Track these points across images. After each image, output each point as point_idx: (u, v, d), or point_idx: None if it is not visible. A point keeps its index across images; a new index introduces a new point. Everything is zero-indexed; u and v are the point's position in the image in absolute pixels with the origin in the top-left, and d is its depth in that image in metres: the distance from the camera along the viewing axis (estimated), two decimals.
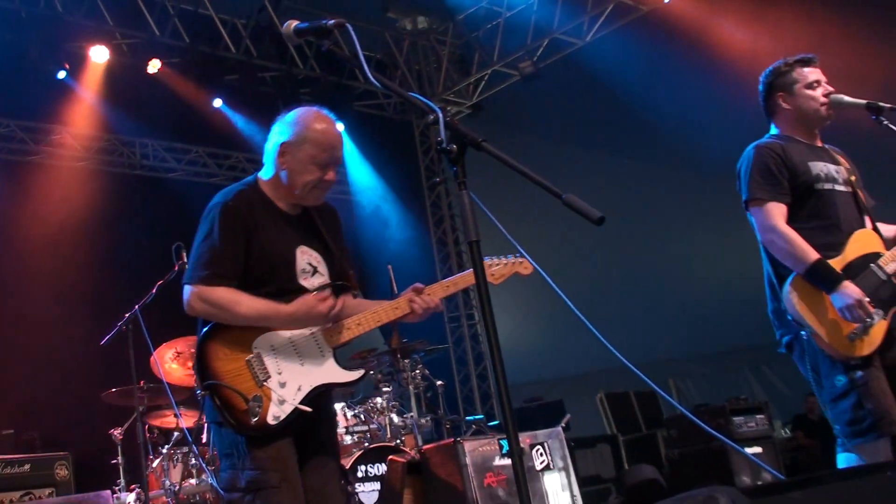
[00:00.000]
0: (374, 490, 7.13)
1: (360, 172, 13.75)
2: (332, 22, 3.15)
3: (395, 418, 7.73)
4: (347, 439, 7.63)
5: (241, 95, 11.93)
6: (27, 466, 6.34)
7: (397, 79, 13.74)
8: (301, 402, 3.73)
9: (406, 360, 8.03)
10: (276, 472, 3.67)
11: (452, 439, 6.44)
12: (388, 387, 7.88)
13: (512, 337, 14.31)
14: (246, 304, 3.75)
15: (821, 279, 4.31)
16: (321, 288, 3.91)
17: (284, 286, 3.86)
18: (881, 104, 4.58)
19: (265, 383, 3.70)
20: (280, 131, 3.95)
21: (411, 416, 7.75)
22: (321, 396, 3.88)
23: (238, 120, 12.07)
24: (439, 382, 8.33)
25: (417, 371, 8.06)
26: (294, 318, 3.80)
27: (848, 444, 4.33)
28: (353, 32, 3.06)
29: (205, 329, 3.81)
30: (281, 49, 11.81)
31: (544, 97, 13.37)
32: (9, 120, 10.48)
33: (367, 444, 7.45)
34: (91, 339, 7.08)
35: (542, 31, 12.89)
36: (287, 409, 3.70)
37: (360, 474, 7.13)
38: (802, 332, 4.35)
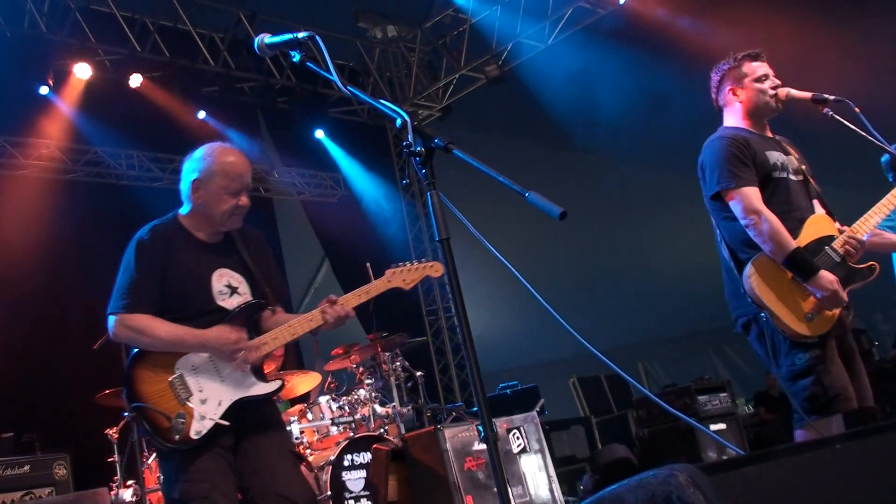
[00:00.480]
0: (360, 477, 7.15)
1: (343, 174, 13.78)
2: (301, 35, 3.14)
3: (378, 409, 7.74)
4: (333, 430, 7.64)
5: (221, 106, 11.90)
6: (27, 467, 6.32)
7: (370, 85, 13.76)
8: (222, 417, 3.84)
9: (386, 353, 8.04)
10: (205, 483, 3.76)
11: (433, 427, 6.45)
12: (371, 379, 7.89)
13: (488, 328, 14.35)
14: (162, 329, 3.88)
15: (799, 267, 4.33)
16: (239, 307, 4.04)
17: (202, 307, 3.98)
18: (826, 96, 4.61)
19: (187, 401, 3.83)
20: (190, 169, 4.12)
21: (393, 406, 7.76)
22: (250, 409, 3.98)
23: (219, 128, 12.03)
24: (419, 373, 8.34)
25: (398, 363, 8.06)
26: (204, 344, 3.90)
27: (805, 420, 4.36)
28: (322, 44, 3.05)
29: (131, 355, 3.94)
30: (258, 61, 11.78)
31: (510, 98, 13.40)
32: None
33: (352, 434, 7.46)
34: (85, 344, 7.05)
35: (506, 37, 12.95)
36: (207, 424, 3.81)
37: (346, 463, 7.15)
38: (762, 314, 4.36)
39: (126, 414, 4.14)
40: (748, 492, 1.40)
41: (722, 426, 9.04)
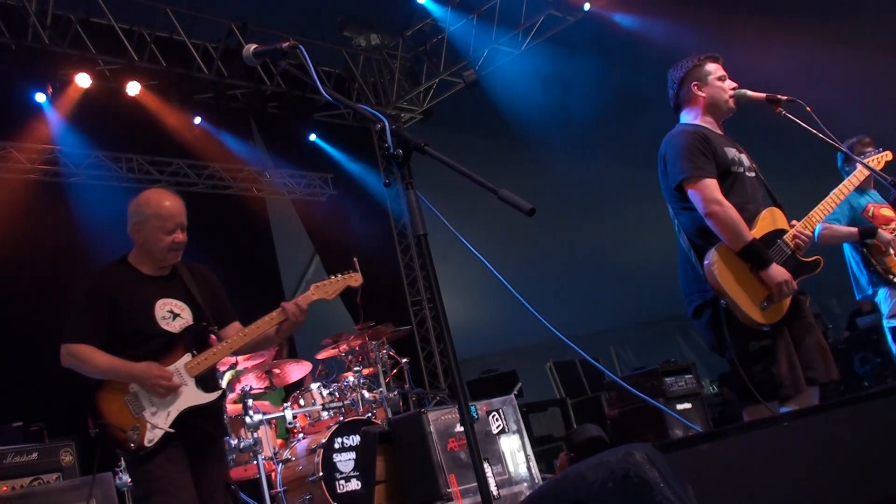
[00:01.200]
0: (350, 459, 7.17)
1: (331, 175, 13.79)
2: (286, 45, 3.13)
3: (366, 394, 7.75)
4: (324, 415, 7.64)
5: (215, 112, 11.87)
6: (35, 454, 6.29)
7: (355, 90, 13.75)
8: (171, 426, 4.18)
9: (374, 342, 8.04)
10: (163, 479, 4.12)
11: (418, 410, 6.46)
12: (359, 366, 7.89)
13: (468, 317, 14.37)
14: (99, 359, 4.21)
15: (755, 257, 4.32)
16: (182, 330, 4.35)
17: (147, 332, 4.28)
18: (780, 96, 4.63)
19: (140, 415, 4.17)
20: (131, 214, 4.42)
21: (381, 392, 7.76)
22: (197, 417, 4.29)
23: (214, 132, 12.02)
24: (404, 360, 8.34)
25: (384, 351, 8.06)
26: (131, 376, 4.20)
27: (745, 404, 4.37)
28: (305, 53, 3.04)
29: (94, 381, 4.28)
30: (249, 69, 11.74)
31: (486, 101, 13.41)
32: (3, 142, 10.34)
33: (341, 419, 7.46)
34: None
35: (482, 44, 12.97)
36: (158, 433, 4.15)
37: (336, 445, 7.16)
38: (722, 301, 4.33)
39: (91, 432, 4.30)
40: (701, 467, 1.41)
41: (687, 405, 9.08)
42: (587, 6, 12.21)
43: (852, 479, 1.52)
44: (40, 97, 10.26)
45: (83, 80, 10.29)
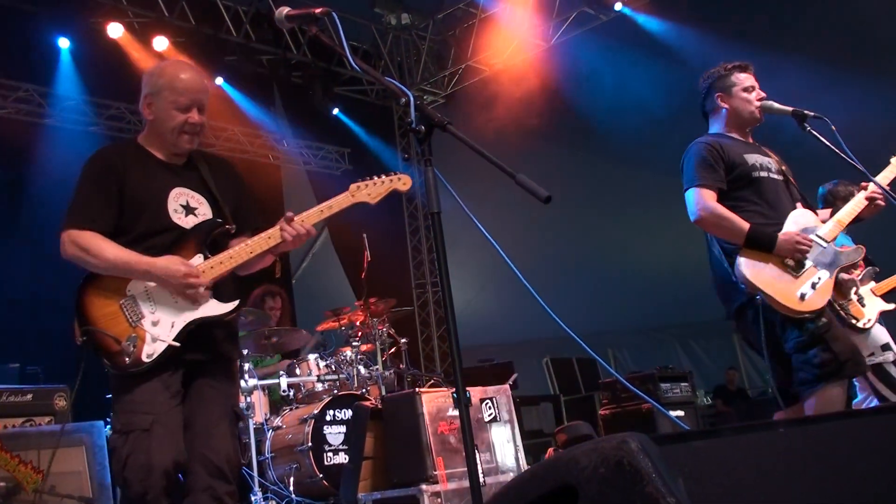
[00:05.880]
0: (340, 432, 7.19)
1: (348, 149, 13.82)
2: (319, 10, 3.13)
3: (362, 370, 7.77)
4: (318, 386, 7.67)
5: (239, 75, 11.90)
6: (29, 396, 6.30)
7: (380, 68, 13.73)
8: (175, 339, 3.51)
9: (374, 319, 8.06)
10: (148, 415, 3.45)
11: (412, 390, 6.47)
12: (357, 342, 7.91)
13: (470, 305, 14.36)
14: (110, 250, 3.55)
15: (759, 242, 4.37)
16: (196, 225, 3.71)
17: (156, 225, 3.65)
18: (805, 112, 4.63)
19: (138, 324, 3.51)
20: (143, 87, 3.80)
21: (376, 369, 7.78)
22: (205, 334, 3.66)
23: (236, 96, 12.05)
24: (403, 340, 8.36)
25: (383, 329, 8.08)
26: (150, 271, 3.55)
27: (811, 389, 4.30)
28: (338, 21, 3.04)
29: (83, 278, 3.64)
30: (277, 35, 11.78)
31: (510, 92, 13.37)
32: (21, 83, 10.35)
33: (336, 392, 7.49)
34: None
35: (512, 33, 12.92)
36: (160, 346, 3.49)
37: (328, 418, 7.18)
38: (757, 297, 4.34)
39: (77, 340, 3.58)
40: (693, 463, 1.42)
41: (680, 413, 9.11)
42: (618, 6, 12.19)
43: (842, 490, 1.53)
44: (64, 42, 10.27)
45: (115, 30, 10.35)
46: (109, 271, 3.57)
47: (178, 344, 3.51)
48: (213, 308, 3.64)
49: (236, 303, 3.72)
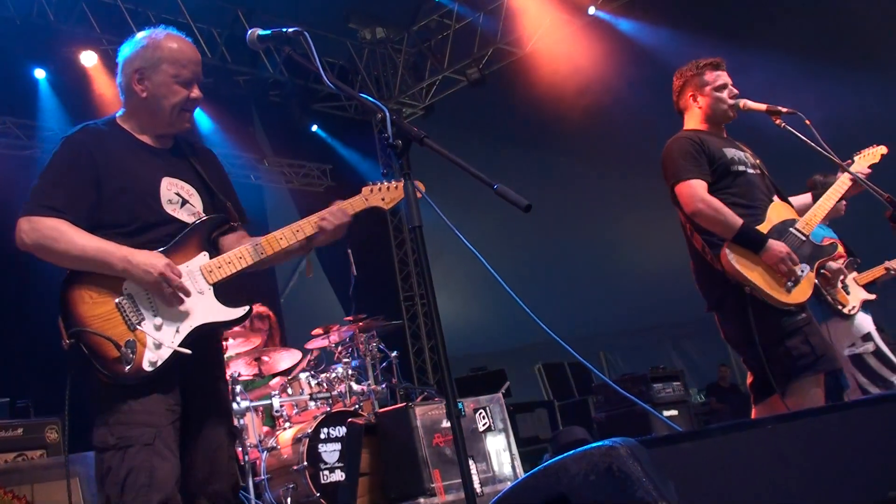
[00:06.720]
0: (335, 450, 7.15)
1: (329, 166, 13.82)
2: (290, 30, 3.11)
3: (354, 386, 7.75)
4: (311, 405, 7.64)
5: (217, 97, 11.89)
6: (20, 430, 6.27)
7: (358, 83, 13.75)
8: (180, 345, 3.07)
9: (364, 335, 8.05)
10: (150, 428, 2.98)
11: (405, 404, 6.47)
12: (348, 358, 7.89)
13: (460, 315, 14.39)
14: (79, 238, 3.04)
15: (749, 241, 4.38)
16: (201, 221, 3.33)
17: (150, 218, 3.21)
18: (780, 108, 4.66)
19: (138, 326, 3.03)
20: (131, 57, 3.37)
21: (368, 384, 7.77)
22: (205, 340, 3.23)
23: (215, 117, 12.04)
24: (393, 354, 8.34)
25: (374, 344, 8.07)
26: (132, 268, 3.04)
27: (788, 381, 4.32)
28: (310, 40, 3.04)
29: (69, 271, 3.11)
30: (253, 56, 11.77)
31: (488, 100, 13.43)
32: (1, 116, 10.33)
33: (328, 409, 7.47)
34: None
35: (487, 42, 12.96)
36: (164, 353, 3.03)
37: (322, 436, 7.15)
38: (746, 287, 4.34)
39: (63, 343, 3.04)
40: (683, 465, 1.42)
41: (674, 412, 9.11)
42: (591, 10, 12.24)
43: (832, 485, 1.54)
44: (39, 73, 10.26)
45: (89, 58, 10.31)
46: (78, 263, 3.07)
47: (188, 351, 3.08)
48: (223, 312, 3.23)
49: (246, 308, 3.30)
